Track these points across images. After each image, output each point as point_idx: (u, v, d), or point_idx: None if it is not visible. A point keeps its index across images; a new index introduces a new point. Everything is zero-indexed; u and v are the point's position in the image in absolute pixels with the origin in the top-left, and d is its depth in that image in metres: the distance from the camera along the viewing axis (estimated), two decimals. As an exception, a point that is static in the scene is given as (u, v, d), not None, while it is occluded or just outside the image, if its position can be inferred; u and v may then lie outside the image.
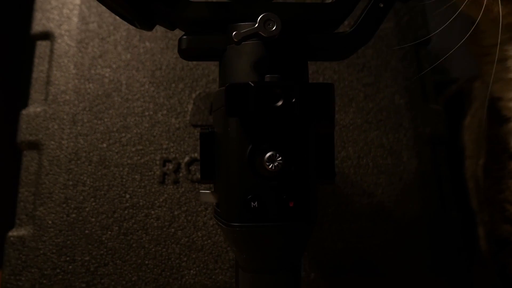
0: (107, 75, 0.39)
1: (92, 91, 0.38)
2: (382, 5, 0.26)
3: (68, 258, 0.35)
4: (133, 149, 0.38)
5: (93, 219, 0.36)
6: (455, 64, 0.59)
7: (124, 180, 0.37)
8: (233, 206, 0.22)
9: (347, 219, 0.38)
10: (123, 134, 0.38)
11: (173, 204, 0.37)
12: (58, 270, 0.34)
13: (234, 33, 0.22)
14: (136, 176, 0.37)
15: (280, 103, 0.20)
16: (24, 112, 0.38)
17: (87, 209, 0.36)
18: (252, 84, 0.20)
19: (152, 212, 0.36)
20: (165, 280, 0.35)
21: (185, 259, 0.36)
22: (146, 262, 0.35)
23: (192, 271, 0.36)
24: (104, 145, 0.37)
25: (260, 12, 0.24)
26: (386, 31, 0.43)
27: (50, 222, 0.35)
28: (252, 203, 0.22)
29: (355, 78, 0.42)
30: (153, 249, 0.36)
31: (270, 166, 0.21)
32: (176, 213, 0.37)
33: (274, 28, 0.22)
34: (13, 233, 0.35)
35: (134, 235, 0.36)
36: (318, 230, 0.38)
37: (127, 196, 0.37)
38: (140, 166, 0.37)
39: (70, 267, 0.35)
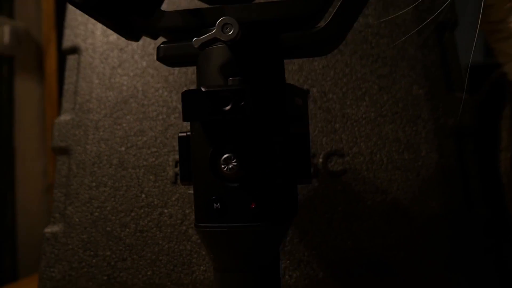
0: (125, 83, 0.42)
1: (112, 98, 0.42)
2: (357, -5, 0.25)
3: (92, 253, 0.38)
4: (148, 152, 0.40)
5: (113, 217, 0.39)
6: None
7: (140, 180, 0.39)
8: (199, 207, 0.23)
9: (358, 217, 0.37)
10: (139, 138, 0.40)
11: (184, 203, 0.38)
12: (83, 264, 0.38)
13: (194, 39, 0.23)
14: (151, 177, 0.39)
15: (228, 107, 0.21)
16: (56, 120, 0.42)
17: (108, 208, 0.39)
18: (203, 90, 0.21)
19: (165, 210, 0.39)
20: (177, 275, 0.37)
21: (195, 255, 0.37)
22: (160, 258, 0.38)
23: (202, 267, 0.37)
24: (123, 148, 0.40)
25: (231, 15, 0.25)
26: (403, 16, 0.41)
27: (77, 219, 0.39)
28: (214, 204, 0.22)
29: (368, 70, 0.40)
30: (166, 246, 0.38)
31: (225, 169, 0.21)
32: (187, 211, 0.38)
33: (231, 32, 0.22)
34: (48, 229, 0.40)
35: (149, 232, 0.38)
36: (326, 228, 0.37)
37: (143, 195, 0.39)
38: (155, 167, 0.40)
39: (94, 261, 0.38)
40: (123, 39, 0.43)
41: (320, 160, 0.38)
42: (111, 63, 0.42)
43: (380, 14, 0.41)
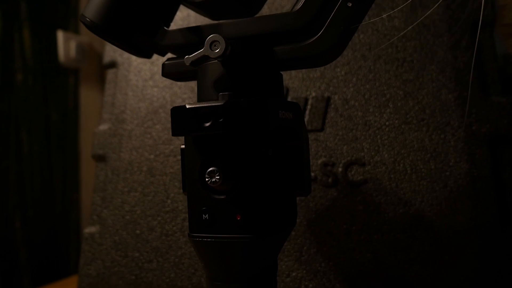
0: (155, 94, 0.44)
1: (144, 109, 0.44)
2: (350, 4, 0.24)
3: (122, 254, 0.41)
4: (174, 159, 0.42)
5: (142, 221, 0.41)
6: None
7: (166, 187, 0.41)
8: (190, 217, 0.24)
9: (379, 229, 0.35)
10: (167, 146, 0.42)
11: (206, 209, 0.40)
12: (115, 263, 0.41)
13: (185, 57, 0.24)
14: (176, 183, 0.41)
15: (208, 123, 0.21)
16: (96, 130, 0.46)
17: (137, 212, 0.42)
18: (187, 106, 0.22)
19: (189, 216, 0.40)
20: (197, 279, 0.39)
21: (215, 260, 0.38)
22: (183, 261, 0.39)
23: (220, 273, 0.38)
24: (152, 156, 0.43)
25: (226, 31, 0.26)
26: (432, 17, 0.38)
27: (110, 222, 0.42)
28: (203, 215, 0.23)
29: (393, 75, 0.38)
30: (188, 250, 0.39)
31: (209, 182, 0.22)
32: (208, 217, 0.40)
33: (218, 50, 0.23)
34: (87, 230, 0.43)
35: (173, 236, 0.40)
36: (345, 239, 0.36)
37: (169, 201, 0.41)
38: (180, 174, 0.41)
39: (124, 261, 0.41)
40: (154, 52, 0.46)
41: (340, 169, 0.37)
42: (144, 76, 0.45)
43: (408, 16, 0.39)
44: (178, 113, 0.22)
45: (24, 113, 0.89)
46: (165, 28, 0.27)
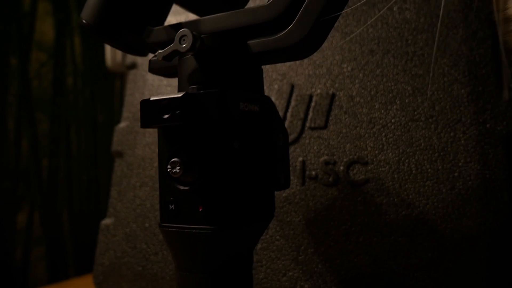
0: (168, 92, 0.46)
1: (157, 107, 0.46)
2: (322, -5, 0.23)
3: (132, 245, 0.43)
4: (183, 156, 0.43)
5: (151, 215, 0.43)
6: None
7: (174, 182, 0.43)
8: (160, 208, 0.24)
9: (379, 231, 0.34)
10: (176, 143, 0.44)
11: (209, 205, 0.40)
12: (125, 254, 0.43)
13: (157, 52, 0.25)
14: (183, 179, 0.42)
15: (167, 115, 0.22)
16: (116, 127, 0.49)
17: (147, 206, 0.43)
18: (151, 99, 0.23)
19: (193, 211, 0.41)
20: (198, 273, 0.39)
21: (215, 256, 0.39)
22: (185, 255, 0.40)
23: (220, 268, 0.38)
24: (163, 152, 0.44)
25: (205, 27, 0.26)
26: (447, 7, 0.36)
27: (123, 215, 0.44)
28: (170, 206, 0.23)
29: (401, 69, 0.36)
30: (191, 244, 0.40)
31: (170, 172, 0.22)
32: (211, 213, 0.40)
33: (185, 44, 0.23)
34: (104, 222, 0.46)
35: (178, 230, 0.41)
36: (343, 240, 0.35)
37: (176, 196, 0.42)
38: (187, 170, 0.42)
39: (133, 252, 0.43)
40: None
41: (341, 168, 0.36)
42: (158, 76, 0.47)
43: (420, 7, 0.37)
44: (144, 105, 0.23)
45: (74, 114, 0.96)
46: (150, 26, 0.28)
